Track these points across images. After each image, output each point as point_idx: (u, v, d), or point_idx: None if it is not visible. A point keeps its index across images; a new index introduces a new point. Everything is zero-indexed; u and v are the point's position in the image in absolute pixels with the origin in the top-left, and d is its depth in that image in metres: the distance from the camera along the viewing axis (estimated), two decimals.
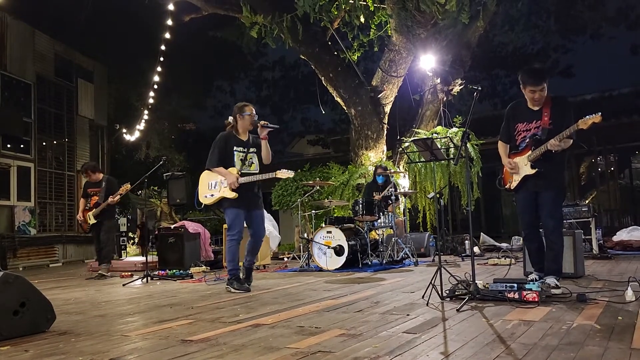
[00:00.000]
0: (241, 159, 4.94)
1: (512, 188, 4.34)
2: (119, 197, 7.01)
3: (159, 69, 11.82)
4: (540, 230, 4.32)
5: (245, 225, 5.00)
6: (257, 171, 4.96)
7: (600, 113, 3.78)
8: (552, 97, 4.17)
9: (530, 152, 4.16)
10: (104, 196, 7.13)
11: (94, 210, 7.15)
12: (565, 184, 4.34)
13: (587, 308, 3.25)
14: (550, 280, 4.11)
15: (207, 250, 8.07)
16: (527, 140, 4.18)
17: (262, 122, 4.85)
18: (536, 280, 3.92)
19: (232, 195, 4.86)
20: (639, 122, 12.07)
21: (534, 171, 4.15)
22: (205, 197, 5.10)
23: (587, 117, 3.77)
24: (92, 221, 7.15)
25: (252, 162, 4.98)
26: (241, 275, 5.07)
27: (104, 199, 7.11)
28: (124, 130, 15.58)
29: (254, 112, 5.06)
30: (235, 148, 4.96)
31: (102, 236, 7.13)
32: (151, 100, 12.98)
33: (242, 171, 4.90)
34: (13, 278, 3.07)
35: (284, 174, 4.77)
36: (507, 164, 4.31)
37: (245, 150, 4.96)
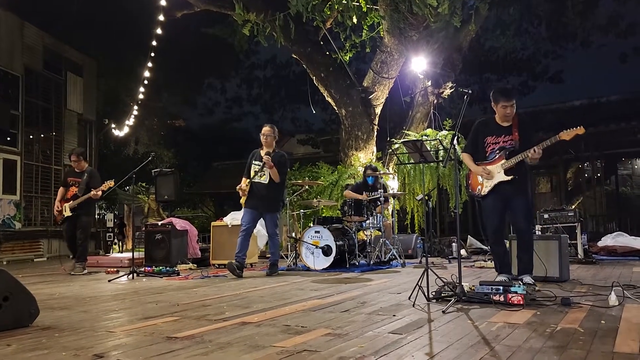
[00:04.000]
0: (255, 171, 6.15)
1: (482, 194, 4.53)
2: (101, 192, 6.83)
3: (149, 64, 11.74)
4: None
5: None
6: (266, 182, 6.11)
7: (581, 126, 4.02)
8: (518, 116, 4.50)
9: (503, 160, 4.44)
10: (83, 189, 6.89)
11: (71, 202, 6.90)
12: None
13: (571, 312, 3.28)
14: (528, 279, 4.36)
15: (194, 248, 8.04)
16: (497, 151, 4.47)
17: (264, 158, 6.06)
18: (507, 282, 4.03)
19: (242, 200, 6.18)
20: (626, 129, 12.21)
21: (509, 178, 4.40)
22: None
23: (570, 129, 4.06)
24: (68, 213, 6.88)
25: (264, 174, 6.12)
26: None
27: (84, 192, 6.87)
28: (113, 126, 15.46)
29: (266, 132, 6.23)
30: (254, 161, 6.21)
31: (78, 233, 6.90)
32: (141, 96, 12.89)
33: (254, 180, 6.11)
34: None
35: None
36: (480, 170, 4.53)
37: (260, 164, 6.13)
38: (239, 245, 6.03)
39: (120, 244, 14.02)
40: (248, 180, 6.16)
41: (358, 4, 9.32)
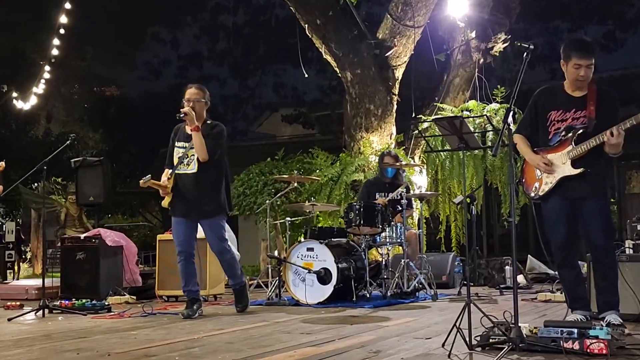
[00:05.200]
0: (179, 157, 5.92)
1: (540, 194, 4.55)
2: None
3: (67, 5, 11.66)
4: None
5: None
6: (194, 171, 5.86)
7: None
8: (596, 83, 4.49)
9: (570, 147, 4.41)
10: None
11: None
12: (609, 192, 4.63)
13: None
14: (612, 317, 4.31)
15: (133, 272, 8.02)
16: (562, 133, 4.45)
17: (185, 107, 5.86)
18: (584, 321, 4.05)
19: (164, 202, 5.91)
20: None
21: (577, 171, 4.38)
22: None
23: None
24: None
25: (191, 160, 5.87)
26: None
27: None
28: (15, 95, 15.37)
29: (192, 95, 5.97)
30: (177, 144, 6.01)
31: None
32: (55, 52, 12.81)
33: (178, 171, 5.88)
34: None
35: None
36: (537, 160, 4.52)
37: (187, 146, 5.89)
38: (183, 275, 5.98)
39: (25, 266, 13.96)
40: (170, 172, 5.98)
41: None
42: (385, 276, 7.17)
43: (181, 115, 5.82)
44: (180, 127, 6.10)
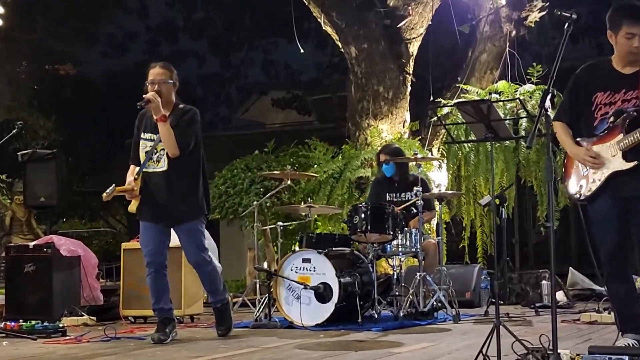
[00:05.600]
0: (147, 151, 5.92)
1: (587, 194, 4.52)
2: None
3: None
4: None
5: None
6: (164, 168, 5.87)
7: None
8: None
9: (621, 135, 4.36)
10: None
11: None
12: None
13: None
14: None
15: (93, 288, 8.01)
16: (611, 119, 4.40)
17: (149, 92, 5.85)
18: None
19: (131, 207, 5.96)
20: None
21: (630, 165, 4.33)
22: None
23: None
24: None
25: (161, 156, 5.90)
26: None
27: None
28: None
29: (156, 75, 5.94)
30: (142, 135, 6.01)
31: None
32: None
33: (146, 169, 5.90)
34: None
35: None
36: (581, 154, 4.49)
37: (156, 138, 5.89)
38: (151, 291, 5.99)
39: None
40: (136, 170, 6.00)
41: None
42: (397, 293, 7.17)
43: (143, 103, 5.83)
44: (145, 114, 6.09)
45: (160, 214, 5.96)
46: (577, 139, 4.59)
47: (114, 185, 5.84)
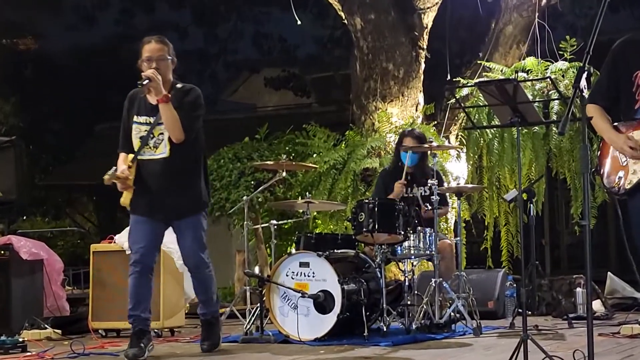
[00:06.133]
0: (141, 137, 5.95)
1: (626, 187, 4.51)
2: None
3: None
4: None
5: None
6: (166, 155, 5.93)
7: None
8: None
9: None
10: None
11: None
12: None
13: None
14: None
15: (57, 297, 8.03)
16: None
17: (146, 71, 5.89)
18: None
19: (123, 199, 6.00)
20: None
21: None
22: None
23: None
24: None
25: (160, 141, 5.95)
26: None
27: None
28: None
29: (153, 51, 6.01)
30: (135, 118, 6.03)
31: None
32: None
33: (141, 157, 5.93)
34: None
35: None
36: (620, 142, 4.49)
37: (152, 121, 5.94)
38: (131, 294, 5.99)
39: None
40: (131, 157, 6.00)
41: None
42: (409, 302, 7.17)
43: (144, 82, 5.82)
44: (136, 94, 6.13)
45: (158, 207, 6.03)
46: (615, 124, 4.57)
47: (114, 168, 5.88)
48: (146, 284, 6.01)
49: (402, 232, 6.99)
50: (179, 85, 6.09)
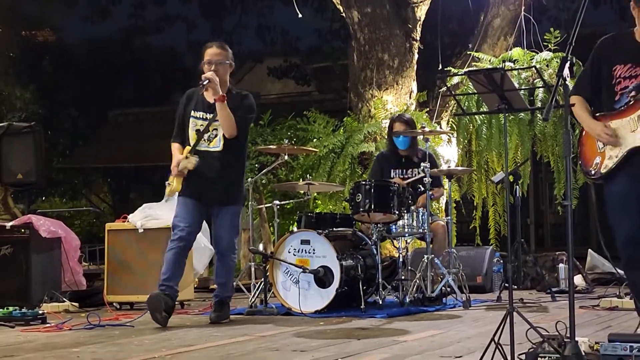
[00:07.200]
0: (197, 130, 6.25)
1: (602, 172, 4.51)
2: None
3: None
4: None
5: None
6: (219, 149, 6.20)
7: None
8: None
9: None
10: None
11: None
12: None
13: None
14: None
15: (74, 272, 8.04)
16: (631, 93, 4.40)
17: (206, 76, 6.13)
18: None
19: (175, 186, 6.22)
20: None
21: None
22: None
23: None
24: None
25: (215, 136, 6.23)
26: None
27: None
28: None
29: (214, 55, 6.31)
30: (193, 113, 6.31)
31: None
32: None
33: (199, 147, 6.18)
34: None
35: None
36: (598, 130, 4.49)
37: (209, 117, 6.21)
38: (168, 266, 6.11)
39: None
40: (189, 149, 6.23)
41: None
42: (403, 277, 7.21)
43: (204, 83, 6.09)
44: (195, 92, 6.42)
45: (207, 193, 6.25)
46: (597, 114, 4.61)
47: (196, 157, 6.13)
48: (182, 262, 6.19)
49: (397, 212, 7.03)
50: (235, 91, 6.43)
